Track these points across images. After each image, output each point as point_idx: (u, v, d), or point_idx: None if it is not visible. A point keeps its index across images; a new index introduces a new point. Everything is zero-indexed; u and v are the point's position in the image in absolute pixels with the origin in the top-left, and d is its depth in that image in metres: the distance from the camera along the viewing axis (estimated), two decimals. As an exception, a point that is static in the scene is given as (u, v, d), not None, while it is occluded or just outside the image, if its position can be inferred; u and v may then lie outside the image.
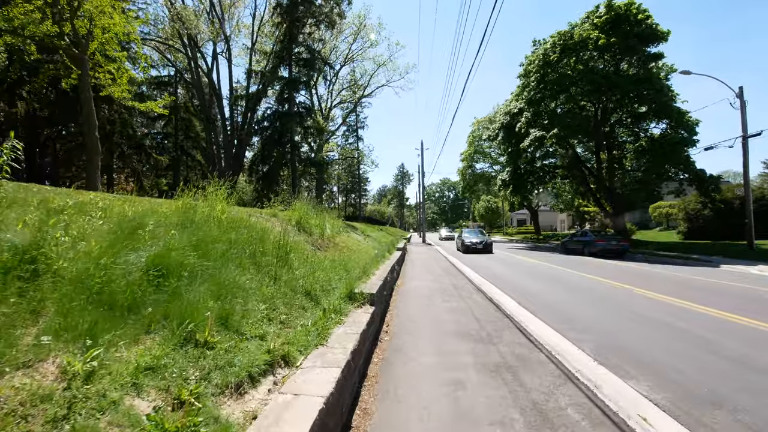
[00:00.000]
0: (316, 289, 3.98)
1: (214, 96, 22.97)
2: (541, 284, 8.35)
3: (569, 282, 8.66)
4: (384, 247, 11.72)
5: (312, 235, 7.38)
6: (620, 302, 6.24)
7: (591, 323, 4.94)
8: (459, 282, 8.72)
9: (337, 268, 5.33)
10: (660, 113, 19.96)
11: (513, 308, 5.66)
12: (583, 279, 9.04)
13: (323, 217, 8.86)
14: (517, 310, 5.54)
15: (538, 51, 22.06)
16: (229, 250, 3.55)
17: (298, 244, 5.67)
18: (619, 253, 15.93)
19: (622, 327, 4.74)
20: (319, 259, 5.34)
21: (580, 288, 7.75)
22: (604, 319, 5.16)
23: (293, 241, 5.73)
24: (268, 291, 3.25)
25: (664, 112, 19.54)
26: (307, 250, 6.01)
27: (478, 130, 42.39)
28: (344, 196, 60.04)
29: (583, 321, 5.05)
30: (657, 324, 4.86)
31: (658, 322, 4.96)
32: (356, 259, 6.93)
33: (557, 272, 10.49)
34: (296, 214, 7.44)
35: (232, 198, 4.89)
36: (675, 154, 20.02)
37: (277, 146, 21.71)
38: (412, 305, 6.01)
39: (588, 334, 4.41)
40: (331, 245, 7.83)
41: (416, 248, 21.97)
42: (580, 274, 9.79)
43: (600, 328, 4.72)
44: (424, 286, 8.03)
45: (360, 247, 9.43)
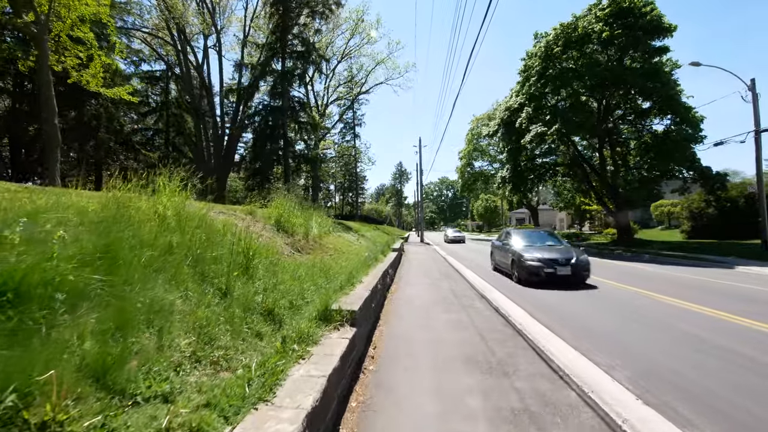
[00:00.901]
0: (281, 305, 3.12)
1: (204, 90, 22.03)
2: (548, 288, 7.53)
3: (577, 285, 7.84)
4: (378, 249, 10.88)
5: (294, 235, 6.53)
6: (645, 312, 5.43)
7: (616, 339, 4.12)
8: (459, 287, 7.88)
9: (317, 275, 4.47)
10: (665, 108, 19.21)
11: (523, 320, 4.83)
12: (595, 282, 8.23)
13: (309, 215, 8.01)
14: (529, 323, 4.70)
15: (540, 44, 21.24)
16: (162, 258, 2.68)
17: (271, 246, 4.81)
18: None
19: (655, 345, 3.92)
20: (295, 265, 4.48)
21: (594, 293, 6.93)
22: (631, 334, 4.34)
23: (265, 243, 4.87)
24: (205, 313, 2.39)
25: (670, 107, 18.80)
26: (285, 253, 5.15)
27: (476, 127, 41.59)
28: (341, 194, 59.16)
29: (607, 337, 4.23)
30: (690, 339, 4.05)
31: (692, 337, 4.15)
32: (343, 264, 6.08)
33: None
34: (276, 211, 6.58)
35: (187, 191, 4.02)
36: (680, 151, 19.28)
37: (270, 142, 20.81)
38: (406, 318, 5.17)
39: (618, 356, 3.59)
40: (317, 247, 6.98)
41: (414, 248, 21.14)
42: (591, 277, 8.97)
43: (628, 346, 3.90)
44: (421, 293, 7.19)
45: (350, 249, 8.58)
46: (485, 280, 8.53)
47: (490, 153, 42.58)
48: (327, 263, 5.50)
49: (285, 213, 6.63)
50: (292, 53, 20.32)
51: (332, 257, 6.67)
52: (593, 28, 18.74)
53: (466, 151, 43.69)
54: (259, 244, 4.47)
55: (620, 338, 4.27)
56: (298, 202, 8.70)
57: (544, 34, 21.62)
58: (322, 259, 5.97)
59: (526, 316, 5.09)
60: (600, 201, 25.96)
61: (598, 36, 18.45)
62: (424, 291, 7.41)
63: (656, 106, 19.73)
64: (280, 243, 5.55)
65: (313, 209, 9.05)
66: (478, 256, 16.47)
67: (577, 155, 24.91)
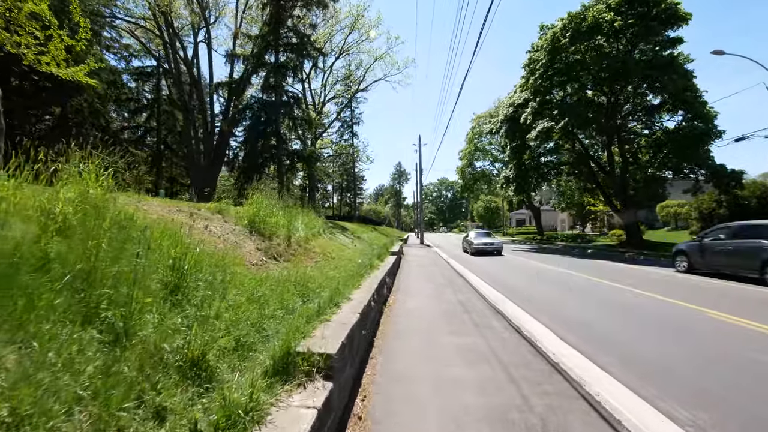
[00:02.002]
0: (218, 349, 2.05)
1: (193, 85, 20.94)
2: (577, 301, 6.46)
3: (610, 299, 6.78)
4: (374, 252, 9.80)
5: (272, 239, 5.45)
6: (729, 343, 4.37)
7: (695, 379, 3.06)
8: (467, 298, 6.81)
9: (289, 292, 3.40)
10: (679, 103, 18.19)
11: (558, 348, 3.76)
12: (623, 293, 7.17)
13: (293, 215, 6.94)
14: (568, 353, 3.64)
15: (546, 36, 20.23)
16: (26, 278, 1.62)
17: (231, 254, 3.74)
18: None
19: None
20: (260, 280, 3.40)
21: (631, 306, 5.86)
22: (729, 379, 3.27)
23: (226, 249, 3.80)
24: (48, 381, 1.32)
25: (684, 101, 17.78)
26: (253, 262, 4.08)
27: (478, 126, 40.56)
28: (339, 195, 58.09)
29: (684, 377, 3.17)
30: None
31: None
32: (331, 273, 5.02)
33: (586, 283, 8.61)
34: (250, 210, 5.50)
35: (108, 179, 2.94)
36: (694, 148, 18.29)
37: (262, 139, 19.75)
38: (407, 344, 4.10)
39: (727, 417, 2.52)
40: (301, 252, 5.90)
41: (414, 251, 20.06)
42: (618, 287, 7.91)
43: (736, 401, 2.83)
44: (424, 306, 6.11)
45: (342, 254, 7.51)
46: (495, 288, 7.46)
47: (491, 153, 41.58)
48: (309, 274, 4.43)
49: (261, 212, 5.55)
50: (287, 46, 19.27)
51: (318, 265, 5.60)
52: (603, 17, 17.73)
53: (467, 150, 42.65)
54: (213, 251, 3.41)
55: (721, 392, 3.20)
56: (281, 199, 7.65)
57: (551, 26, 20.61)
58: (304, 268, 4.90)
59: (560, 343, 4.01)
60: (607, 201, 24.95)
61: (609, 25, 17.44)
62: (427, 303, 6.34)
63: (669, 101, 18.72)
64: (250, 249, 4.48)
65: (300, 208, 7.99)
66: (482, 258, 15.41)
67: (584, 153, 23.90)
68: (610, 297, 6.90)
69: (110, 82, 23.34)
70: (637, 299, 6.62)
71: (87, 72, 8.96)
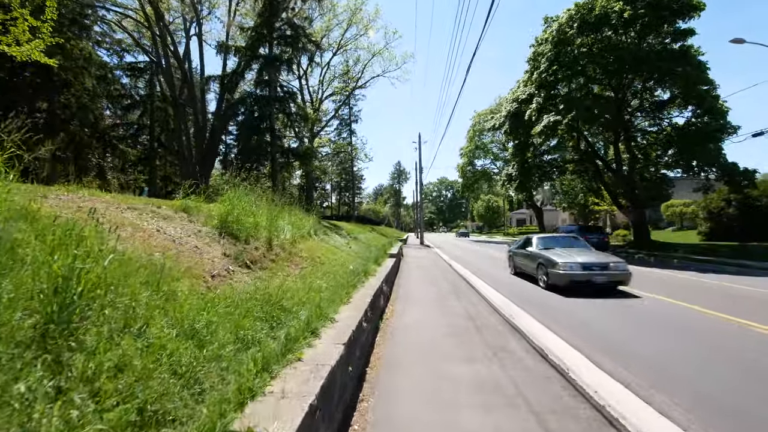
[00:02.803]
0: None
1: (184, 78, 20.08)
2: (599, 311, 5.63)
3: (646, 312, 5.96)
4: (372, 255, 8.98)
5: (248, 242, 4.62)
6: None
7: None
8: (476, 309, 5.99)
9: (251, 316, 2.57)
10: (691, 97, 17.37)
11: (604, 385, 2.94)
12: (663, 305, 6.36)
13: (277, 213, 6.11)
14: (621, 394, 2.81)
15: (551, 28, 19.41)
16: None
17: (181, 263, 2.91)
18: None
19: None
20: (210, 300, 2.55)
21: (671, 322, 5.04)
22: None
23: (177, 255, 2.97)
24: None
25: (696, 95, 16.96)
26: (214, 272, 3.25)
27: (479, 123, 39.76)
28: (338, 194, 57.27)
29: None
30: None
31: None
32: (316, 283, 4.19)
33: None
34: (222, 208, 4.67)
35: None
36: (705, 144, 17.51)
37: (255, 135, 18.90)
38: (405, 380, 3.27)
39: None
40: (284, 258, 5.07)
41: (414, 252, 19.25)
42: (650, 296, 7.09)
43: None
44: (425, 321, 5.28)
45: (334, 258, 6.68)
46: (505, 296, 6.63)
47: (492, 151, 40.77)
48: (288, 287, 3.61)
49: (236, 210, 4.71)
50: (281, 37, 18.43)
51: (303, 273, 4.76)
52: (612, 7, 16.91)
53: (468, 148, 41.85)
54: (155, 260, 2.57)
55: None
56: (276, 198, 6.84)
57: (556, 18, 19.79)
58: (283, 277, 4.07)
59: (599, 374, 3.18)
60: (614, 200, 24.15)
61: (618, 16, 16.62)
62: (429, 315, 5.52)
63: (680, 95, 17.90)
64: (214, 255, 3.65)
65: (288, 207, 7.16)
66: (486, 261, 14.56)
67: (590, 150, 23.09)
68: (643, 309, 6.08)
69: (100, 77, 22.47)
70: (672, 311, 5.80)
71: (55, 51, 8.13)
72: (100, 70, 22.54)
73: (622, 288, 7.50)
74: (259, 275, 3.92)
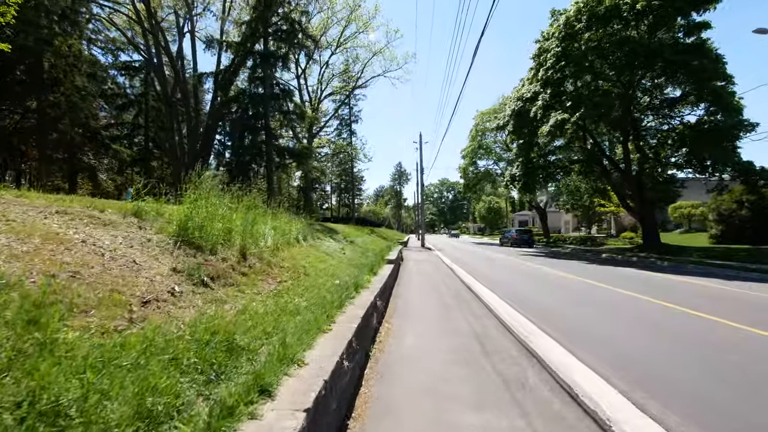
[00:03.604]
0: None
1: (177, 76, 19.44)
2: (641, 333, 4.82)
3: (690, 333, 5.16)
4: (368, 262, 8.20)
5: (214, 251, 3.86)
6: None
7: None
8: (483, 327, 5.19)
9: (175, 367, 1.79)
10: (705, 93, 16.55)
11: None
12: (720, 328, 5.55)
13: (261, 216, 5.35)
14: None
15: (558, 22, 18.65)
16: None
17: (96, 286, 2.14)
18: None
19: None
20: (110, 348, 1.78)
21: (716, 344, 4.23)
22: None
23: (97, 275, 2.20)
24: None
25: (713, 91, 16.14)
26: (145, 296, 2.47)
27: (481, 123, 38.97)
28: (338, 196, 56.55)
29: None
30: None
31: None
32: (291, 305, 3.42)
33: (634, 305, 6.99)
34: (182, 211, 3.91)
35: None
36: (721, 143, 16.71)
37: (249, 134, 18.21)
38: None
39: None
40: (259, 270, 4.30)
41: (415, 255, 18.45)
42: (696, 314, 6.28)
43: None
44: (425, 345, 4.49)
45: (323, 267, 5.90)
46: (515, 307, 5.83)
47: (495, 151, 39.93)
48: (252, 311, 2.84)
49: (200, 214, 3.95)
50: (276, 32, 17.75)
51: (280, 289, 3.99)
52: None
53: (470, 148, 41.02)
54: (54, 285, 1.81)
55: None
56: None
57: (563, 11, 19.03)
58: (251, 297, 3.31)
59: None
60: (622, 201, 23.29)
61: (630, 8, 15.82)
62: (430, 336, 4.73)
63: (695, 90, 17.06)
64: (158, 271, 2.87)
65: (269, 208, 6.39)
66: (495, 267, 13.73)
67: (597, 150, 22.27)
68: (687, 329, 5.27)
69: (91, 75, 21.83)
70: (732, 333, 4.99)
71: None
72: (91, 68, 21.92)
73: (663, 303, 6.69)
74: (219, 295, 3.14)
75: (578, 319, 5.73)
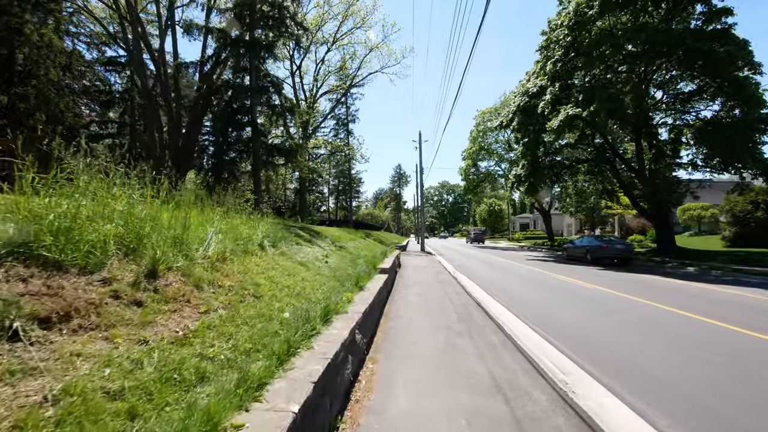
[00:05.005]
0: None
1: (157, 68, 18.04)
2: (719, 373, 3.36)
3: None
4: (355, 272, 6.73)
5: (89, 270, 2.39)
6: None
7: None
8: (508, 373, 3.71)
9: None
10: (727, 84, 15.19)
11: None
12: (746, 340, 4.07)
13: (207, 216, 3.91)
14: None
15: (567, 10, 17.34)
16: None
17: None
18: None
19: None
20: None
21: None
22: None
23: None
24: None
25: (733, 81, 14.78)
26: None
27: (482, 122, 37.66)
28: (335, 198, 55.12)
29: None
30: None
31: None
32: (189, 371, 1.94)
33: (697, 329, 5.51)
34: (37, 206, 2.44)
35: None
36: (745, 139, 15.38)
37: (234, 129, 16.79)
38: None
39: None
40: (171, 293, 2.82)
41: (414, 261, 16.97)
42: (746, 333, 4.81)
43: None
44: (422, 410, 3.01)
45: (288, 284, 4.41)
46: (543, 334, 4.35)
47: (497, 152, 38.59)
48: (70, 401, 1.38)
49: (71, 210, 2.49)
50: (262, 19, 16.40)
51: (191, 330, 2.52)
52: (639, -19, 14.84)
53: (471, 150, 39.69)
54: None
55: None
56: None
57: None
58: (106, 359, 1.83)
59: None
60: (633, 202, 21.89)
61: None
62: (432, 390, 3.25)
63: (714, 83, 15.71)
64: None
65: (213, 205, 4.94)
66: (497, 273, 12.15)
67: (608, 147, 20.89)
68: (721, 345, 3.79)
69: (66, 67, 20.43)
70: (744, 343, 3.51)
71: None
72: (67, 60, 20.52)
73: (717, 322, 5.21)
74: (38, 357, 1.67)
75: (627, 349, 4.25)
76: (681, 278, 10.76)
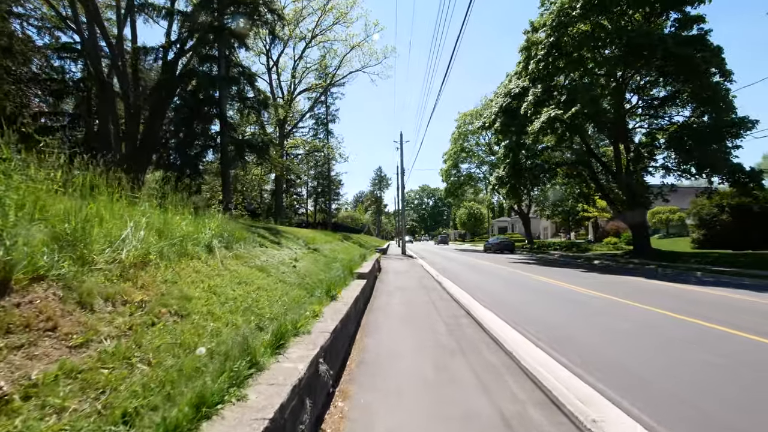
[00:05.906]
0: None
1: (113, 52, 16.30)
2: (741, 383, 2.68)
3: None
4: (327, 278, 5.77)
5: None
6: None
7: None
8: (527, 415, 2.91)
9: None
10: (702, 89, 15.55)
11: None
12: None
13: (125, 209, 2.85)
14: None
15: (552, 9, 17.23)
16: None
17: None
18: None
19: None
20: None
21: None
22: None
23: None
24: None
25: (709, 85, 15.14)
26: None
27: (463, 125, 37.65)
28: (314, 200, 53.54)
29: None
30: None
31: None
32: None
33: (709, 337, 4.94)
34: None
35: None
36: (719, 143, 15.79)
37: (199, 122, 15.38)
38: None
39: None
40: (34, 311, 1.80)
41: (395, 265, 16.14)
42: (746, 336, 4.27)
43: None
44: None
45: (236, 295, 3.41)
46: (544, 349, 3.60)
47: (478, 154, 38.69)
48: None
49: None
50: (233, 4, 15.18)
51: (35, 380, 1.51)
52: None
53: (452, 151, 39.59)
54: None
55: None
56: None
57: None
58: None
59: None
60: (611, 204, 22.20)
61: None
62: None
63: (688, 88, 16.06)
64: None
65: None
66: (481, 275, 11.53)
67: (587, 150, 21.07)
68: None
69: (5, 49, 18.16)
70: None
71: None
72: (6, 41, 18.25)
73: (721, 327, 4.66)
74: None
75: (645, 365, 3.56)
76: (660, 279, 10.63)
